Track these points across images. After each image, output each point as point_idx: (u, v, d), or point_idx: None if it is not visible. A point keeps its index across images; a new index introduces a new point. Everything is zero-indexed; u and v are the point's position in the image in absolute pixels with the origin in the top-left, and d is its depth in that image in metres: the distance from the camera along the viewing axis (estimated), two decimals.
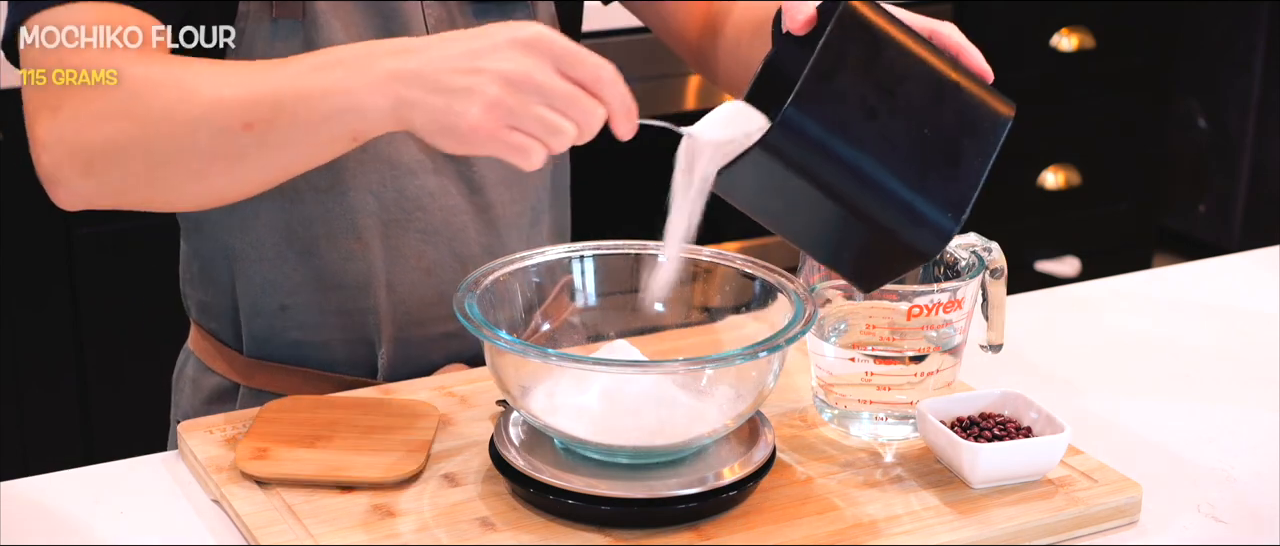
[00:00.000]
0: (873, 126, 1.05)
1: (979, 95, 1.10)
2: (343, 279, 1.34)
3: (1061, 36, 3.12)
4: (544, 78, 1.04)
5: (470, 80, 1.04)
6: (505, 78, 1.04)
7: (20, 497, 1.17)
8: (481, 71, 1.04)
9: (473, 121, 1.04)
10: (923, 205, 1.07)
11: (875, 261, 1.11)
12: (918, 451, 1.21)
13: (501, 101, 1.04)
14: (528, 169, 1.06)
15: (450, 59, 1.06)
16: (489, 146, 1.05)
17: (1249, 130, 3.59)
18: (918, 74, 1.08)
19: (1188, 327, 1.52)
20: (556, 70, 1.05)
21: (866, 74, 1.06)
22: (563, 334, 1.24)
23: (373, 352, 1.36)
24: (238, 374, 1.38)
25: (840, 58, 1.05)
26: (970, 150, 1.08)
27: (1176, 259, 3.57)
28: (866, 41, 1.07)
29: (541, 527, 1.10)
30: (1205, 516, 1.17)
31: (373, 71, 1.07)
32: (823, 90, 1.04)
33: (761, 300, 1.20)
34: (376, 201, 1.32)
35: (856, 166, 1.05)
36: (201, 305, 1.40)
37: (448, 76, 1.05)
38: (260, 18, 1.26)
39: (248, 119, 1.09)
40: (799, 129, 1.03)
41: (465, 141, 1.05)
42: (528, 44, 1.05)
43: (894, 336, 1.20)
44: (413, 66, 1.06)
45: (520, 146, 1.05)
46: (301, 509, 1.11)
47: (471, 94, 1.04)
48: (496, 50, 1.05)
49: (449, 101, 1.04)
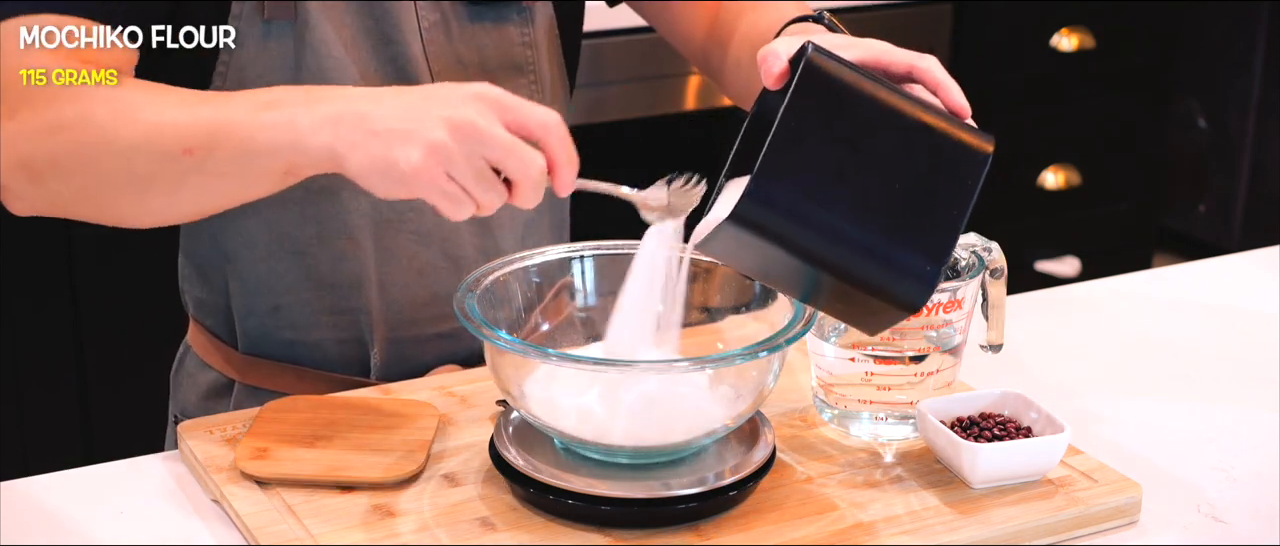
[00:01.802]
0: (843, 188, 1.05)
1: (953, 135, 1.08)
2: (335, 279, 1.34)
3: (1061, 36, 3.12)
4: (487, 125, 1.06)
5: (413, 125, 1.06)
6: (450, 123, 1.06)
7: (20, 497, 1.17)
8: (426, 116, 1.06)
9: (413, 164, 1.06)
10: (902, 257, 1.06)
11: (867, 315, 1.10)
12: (918, 451, 1.21)
13: (443, 146, 1.06)
14: (453, 219, 1.08)
15: (398, 105, 1.08)
16: (424, 191, 1.07)
17: (1249, 130, 3.59)
18: (885, 124, 1.07)
19: (1188, 327, 1.52)
20: (501, 121, 1.07)
21: (832, 132, 1.05)
22: (562, 333, 1.24)
23: (365, 352, 1.36)
24: (234, 370, 1.38)
25: (803, 121, 1.04)
26: (946, 194, 1.07)
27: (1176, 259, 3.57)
28: (829, 98, 1.06)
29: (541, 527, 1.10)
30: (1205, 516, 1.17)
31: (317, 111, 1.09)
32: (787, 160, 1.04)
33: (761, 300, 1.20)
34: (369, 202, 1.32)
35: (830, 228, 1.05)
36: (198, 302, 1.40)
37: (392, 120, 1.07)
38: (252, 18, 1.26)
39: (188, 144, 1.11)
40: (767, 201, 1.03)
41: (402, 184, 1.07)
42: (476, 95, 1.07)
43: (894, 336, 1.20)
44: (359, 109, 1.09)
45: (452, 195, 1.07)
46: (301, 509, 1.11)
47: (412, 138, 1.06)
48: (446, 98, 1.07)
49: (389, 145, 1.07)
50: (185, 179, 1.13)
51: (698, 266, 1.24)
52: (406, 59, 1.31)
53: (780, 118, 1.04)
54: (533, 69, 1.38)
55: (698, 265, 1.24)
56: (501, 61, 1.36)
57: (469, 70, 1.34)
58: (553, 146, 1.09)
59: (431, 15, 1.32)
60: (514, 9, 1.35)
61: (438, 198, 1.08)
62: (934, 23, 2.87)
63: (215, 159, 1.11)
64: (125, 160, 1.13)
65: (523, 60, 1.37)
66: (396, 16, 1.30)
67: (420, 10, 1.31)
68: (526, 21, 1.36)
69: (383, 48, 1.30)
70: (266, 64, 1.27)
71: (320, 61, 1.27)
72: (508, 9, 1.35)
